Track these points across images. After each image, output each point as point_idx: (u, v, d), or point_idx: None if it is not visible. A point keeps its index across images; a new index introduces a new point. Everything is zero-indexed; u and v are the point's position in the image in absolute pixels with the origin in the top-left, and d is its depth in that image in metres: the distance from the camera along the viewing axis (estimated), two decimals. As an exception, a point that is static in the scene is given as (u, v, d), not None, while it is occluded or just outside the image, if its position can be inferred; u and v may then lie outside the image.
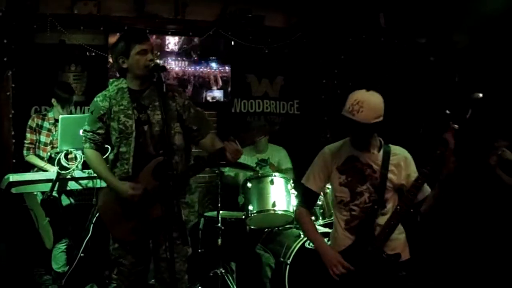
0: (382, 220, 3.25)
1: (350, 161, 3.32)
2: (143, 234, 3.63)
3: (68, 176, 5.01)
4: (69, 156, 5.09)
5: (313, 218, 5.15)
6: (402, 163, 3.30)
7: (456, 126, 3.13)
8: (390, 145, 3.36)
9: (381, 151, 3.31)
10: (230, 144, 3.38)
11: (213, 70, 6.81)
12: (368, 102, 3.14)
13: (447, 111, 3.20)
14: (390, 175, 3.26)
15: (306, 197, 3.51)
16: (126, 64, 3.55)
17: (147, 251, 3.74)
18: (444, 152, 3.10)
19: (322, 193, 5.10)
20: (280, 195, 5.07)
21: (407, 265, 3.29)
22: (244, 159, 5.61)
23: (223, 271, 5.02)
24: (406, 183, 3.29)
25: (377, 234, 3.22)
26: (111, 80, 3.73)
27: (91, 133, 3.65)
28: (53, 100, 5.44)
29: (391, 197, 3.30)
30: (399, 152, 3.34)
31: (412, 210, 3.26)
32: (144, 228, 3.59)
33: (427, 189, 3.29)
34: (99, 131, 3.64)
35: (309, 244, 4.95)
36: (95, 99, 3.66)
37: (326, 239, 3.49)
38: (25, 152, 5.44)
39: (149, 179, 3.53)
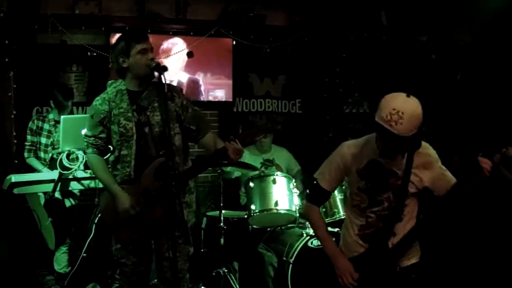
0: (398, 227, 3.08)
1: (372, 166, 3.05)
2: (145, 235, 3.62)
3: (70, 177, 5.01)
4: (71, 157, 5.08)
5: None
6: (427, 164, 3.07)
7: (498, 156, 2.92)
8: None
9: (405, 155, 3.04)
10: (232, 144, 3.38)
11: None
12: (409, 113, 2.79)
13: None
14: (412, 179, 3.03)
15: (318, 195, 3.29)
16: (127, 63, 3.53)
17: (149, 251, 3.74)
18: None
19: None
20: (283, 194, 5.05)
21: (417, 268, 3.17)
22: (249, 159, 5.61)
23: (225, 270, 5.02)
24: (431, 185, 3.09)
25: (393, 246, 3.07)
26: (109, 82, 3.72)
27: (93, 138, 3.63)
28: (51, 102, 5.45)
29: (410, 202, 3.10)
30: (421, 151, 3.04)
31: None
32: (146, 229, 3.59)
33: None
34: (101, 135, 3.62)
35: (311, 243, 4.94)
36: (94, 102, 3.63)
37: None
38: (26, 154, 5.45)
39: (151, 181, 3.53)
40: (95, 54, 6.16)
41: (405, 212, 3.09)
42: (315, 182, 3.27)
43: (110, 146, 3.69)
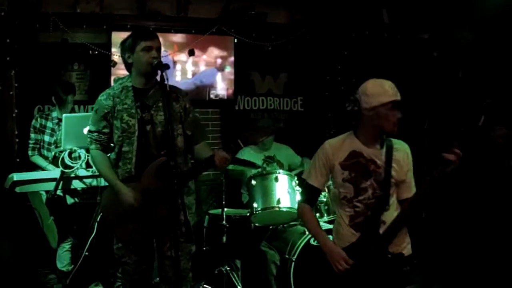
0: (386, 216, 3.21)
1: (353, 156, 3.27)
2: (146, 234, 3.63)
3: (72, 175, 5.01)
4: (73, 155, 5.08)
5: (317, 215, 5.16)
6: (404, 159, 3.28)
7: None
8: (391, 139, 3.32)
9: (384, 147, 3.27)
10: (220, 151, 3.47)
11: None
12: (393, 84, 3.25)
13: (486, 102, 3.13)
14: (392, 171, 3.22)
15: (308, 194, 3.46)
16: (131, 59, 3.59)
17: (151, 250, 3.75)
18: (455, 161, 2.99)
19: (326, 189, 5.09)
20: (285, 192, 5.06)
21: (410, 260, 3.27)
22: (251, 156, 5.60)
23: (228, 268, 5.03)
24: (406, 178, 3.27)
25: (382, 232, 3.19)
26: (116, 78, 3.76)
27: (96, 133, 3.66)
28: (53, 98, 5.45)
29: (393, 192, 3.25)
30: (400, 147, 3.31)
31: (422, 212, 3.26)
32: (147, 228, 3.59)
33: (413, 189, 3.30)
34: (104, 130, 3.65)
35: (314, 241, 4.94)
36: (99, 97, 3.68)
37: (330, 236, 3.46)
38: (30, 152, 5.45)
39: (152, 180, 3.54)
40: (96, 52, 6.16)
41: (390, 201, 3.24)
42: (304, 181, 3.45)
43: (112, 144, 3.70)
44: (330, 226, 4.69)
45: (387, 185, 3.22)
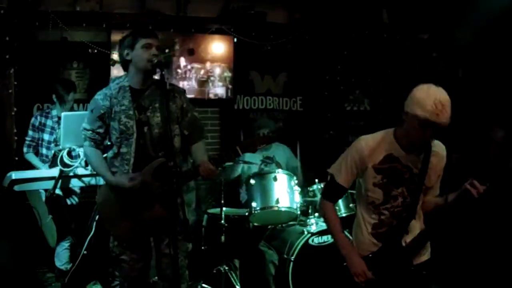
0: (411, 225, 3.07)
1: (389, 161, 3.02)
2: (141, 232, 3.64)
3: (71, 174, 5.00)
4: (72, 154, 5.07)
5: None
6: (439, 163, 3.09)
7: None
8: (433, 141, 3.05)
9: (423, 153, 3.03)
10: (207, 163, 3.50)
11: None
12: (448, 103, 2.84)
13: None
14: (426, 179, 3.03)
15: (334, 192, 3.23)
16: (130, 56, 3.57)
17: (148, 248, 3.76)
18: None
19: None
20: (284, 192, 5.05)
21: (428, 264, 3.15)
22: (249, 156, 5.59)
23: (226, 268, 5.02)
24: (436, 183, 3.12)
25: (406, 244, 3.05)
26: (112, 78, 3.74)
27: (90, 132, 3.67)
28: (54, 96, 5.44)
29: (421, 199, 3.08)
30: (437, 151, 3.07)
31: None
32: (141, 227, 3.60)
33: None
34: (99, 130, 3.65)
35: (312, 241, 4.94)
36: (95, 96, 3.67)
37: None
38: (25, 149, 5.46)
39: (150, 180, 3.54)
40: (96, 51, 6.16)
41: (417, 209, 3.08)
42: (330, 177, 3.21)
43: (108, 142, 3.70)
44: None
45: (418, 193, 3.04)
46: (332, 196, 3.26)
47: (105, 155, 3.75)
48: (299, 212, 5.03)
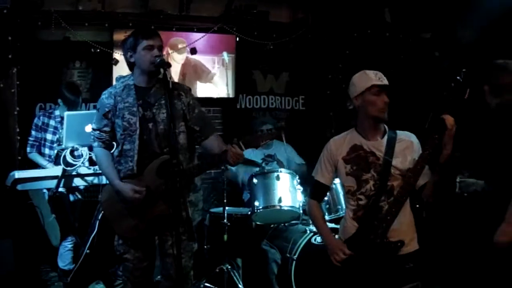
0: (384, 206, 3.23)
1: (354, 150, 3.34)
2: (145, 232, 3.64)
3: (74, 173, 5.01)
4: (75, 153, 5.08)
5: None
6: (409, 148, 3.30)
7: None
8: (396, 131, 3.35)
9: (385, 138, 3.32)
10: (234, 148, 3.44)
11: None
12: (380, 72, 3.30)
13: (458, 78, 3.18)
14: (395, 162, 3.24)
15: (316, 190, 3.54)
16: (133, 58, 3.59)
17: (152, 247, 3.76)
18: (442, 136, 3.05)
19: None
20: (286, 191, 5.06)
21: (414, 256, 3.26)
22: (250, 154, 5.59)
23: (229, 267, 5.03)
24: (420, 168, 3.22)
25: (378, 221, 3.20)
26: (118, 76, 3.76)
27: (98, 131, 3.70)
28: (60, 101, 5.45)
29: (397, 185, 3.24)
30: (405, 137, 3.34)
31: (415, 195, 3.24)
32: (146, 226, 3.60)
33: (428, 174, 3.23)
34: (105, 128, 3.68)
35: (315, 240, 4.94)
36: (101, 96, 3.71)
37: (337, 236, 3.49)
38: (28, 149, 5.47)
39: (153, 177, 3.55)
40: (98, 50, 6.17)
41: (395, 192, 3.23)
42: (312, 178, 3.54)
43: (114, 143, 3.72)
44: (332, 225, 4.72)
45: (386, 176, 3.24)
46: (315, 195, 3.57)
47: (112, 151, 3.76)
48: (301, 211, 5.02)
